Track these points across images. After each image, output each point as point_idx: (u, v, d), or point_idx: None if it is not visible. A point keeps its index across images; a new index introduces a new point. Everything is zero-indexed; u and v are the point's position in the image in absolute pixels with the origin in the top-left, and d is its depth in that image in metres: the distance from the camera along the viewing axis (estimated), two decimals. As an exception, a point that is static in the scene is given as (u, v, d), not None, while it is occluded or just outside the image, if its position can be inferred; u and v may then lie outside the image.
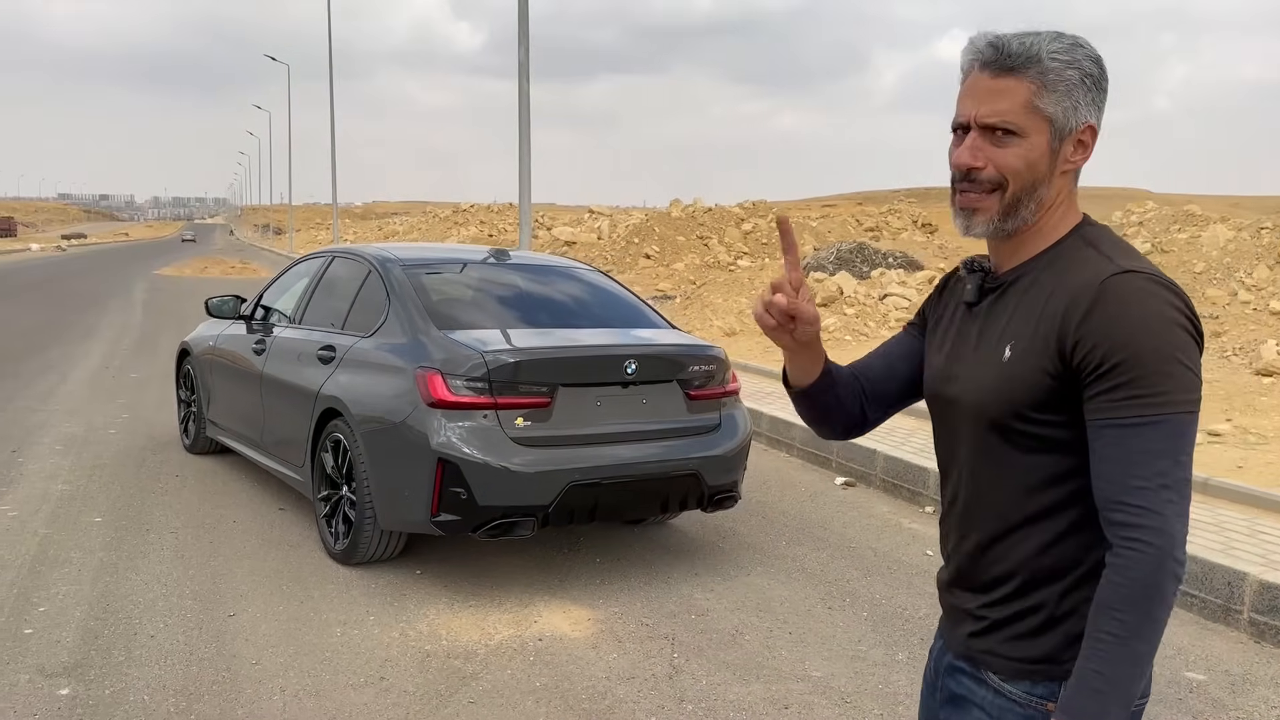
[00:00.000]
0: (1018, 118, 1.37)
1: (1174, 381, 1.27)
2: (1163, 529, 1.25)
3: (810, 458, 7.24)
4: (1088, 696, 1.27)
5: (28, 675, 3.50)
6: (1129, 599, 1.25)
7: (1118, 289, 1.30)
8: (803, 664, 3.80)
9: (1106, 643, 1.26)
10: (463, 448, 4.26)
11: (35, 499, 5.70)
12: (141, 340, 14.13)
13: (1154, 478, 1.26)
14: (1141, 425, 1.27)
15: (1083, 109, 1.38)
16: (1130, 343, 1.28)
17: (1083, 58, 1.38)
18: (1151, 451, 1.26)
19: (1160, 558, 1.25)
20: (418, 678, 3.59)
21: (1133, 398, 1.27)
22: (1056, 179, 1.40)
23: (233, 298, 6.54)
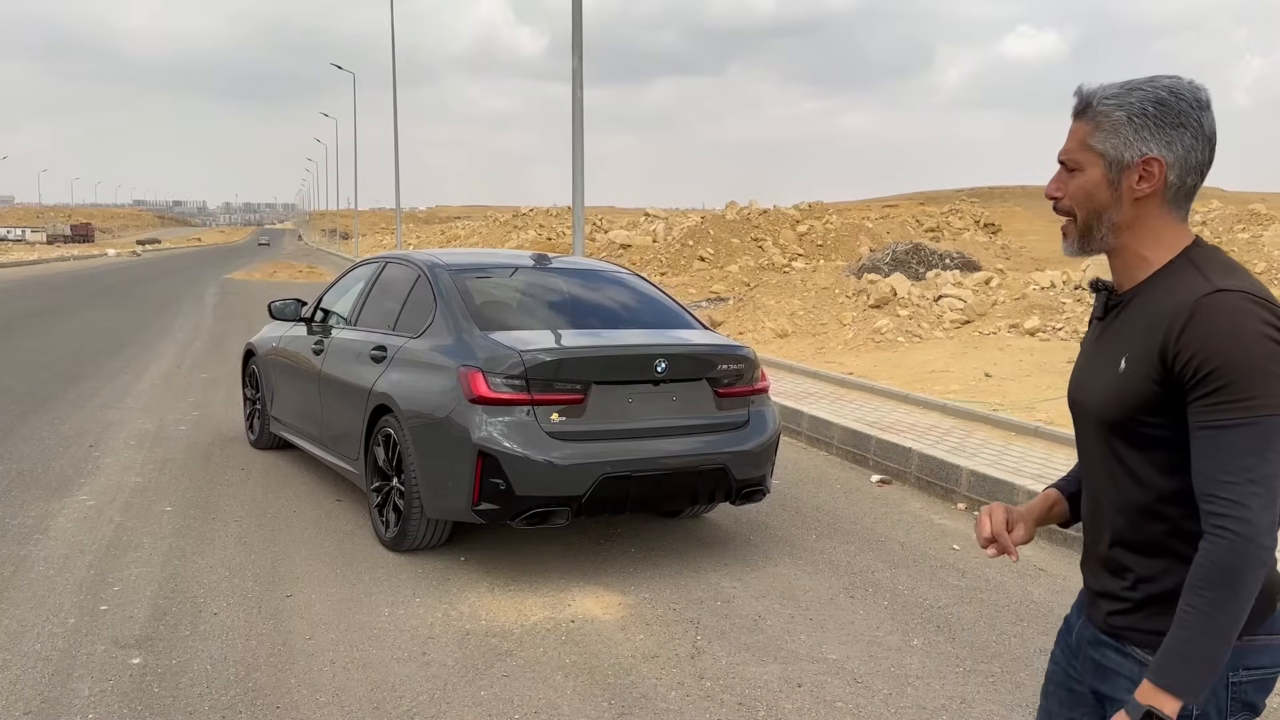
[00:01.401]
0: (1077, 154, 1.64)
1: (1262, 388, 1.45)
2: (1246, 519, 1.45)
3: (848, 456, 7.40)
4: (1175, 662, 1.48)
5: (104, 646, 3.84)
6: (1212, 579, 1.46)
7: (1211, 306, 1.49)
8: (819, 647, 3.99)
9: (1192, 617, 1.47)
10: (502, 441, 4.53)
11: (111, 490, 6.11)
12: (212, 341, 14.72)
13: (1241, 473, 1.45)
14: (1232, 427, 1.46)
15: (1136, 144, 1.58)
16: (1221, 353, 1.46)
17: (1137, 99, 1.58)
18: (1240, 450, 1.46)
19: (1243, 544, 1.45)
20: (457, 653, 3.86)
21: (1224, 403, 1.47)
22: (1127, 206, 1.60)
23: (294, 301, 6.91)
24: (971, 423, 7.70)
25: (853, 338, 13.83)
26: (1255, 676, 1.58)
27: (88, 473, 6.51)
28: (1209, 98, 1.60)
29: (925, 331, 13.49)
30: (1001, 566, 5.02)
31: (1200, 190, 1.67)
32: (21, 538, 5.12)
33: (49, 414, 8.52)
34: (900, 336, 13.36)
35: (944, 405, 8.24)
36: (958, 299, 14.42)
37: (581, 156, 13.73)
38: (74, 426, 8.00)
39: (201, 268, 44.40)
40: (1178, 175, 1.59)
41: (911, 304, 14.53)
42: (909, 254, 20.03)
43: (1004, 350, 11.31)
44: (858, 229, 30.82)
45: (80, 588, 4.45)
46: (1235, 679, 1.58)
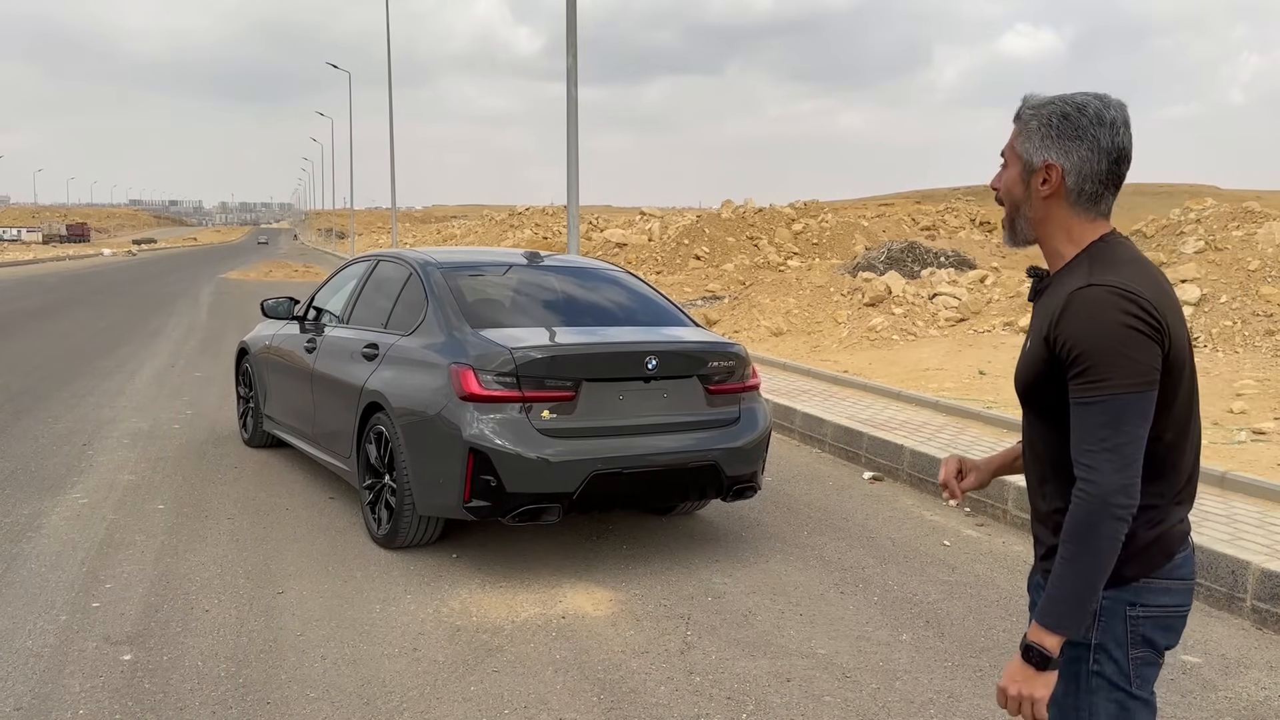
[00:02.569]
0: (1007, 153, 1.92)
1: (1116, 370, 1.68)
2: (1098, 480, 1.69)
3: (840, 453, 7.42)
4: (1050, 603, 1.74)
5: (95, 643, 3.85)
6: (1072, 533, 1.72)
7: (1081, 298, 1.73)
8: (809, 642, 4.01)
9: (1060, 565, 1.74)
10: (493, 439, 4.54)
11: (104, 488, 6.12)
12: (206, 341, 14.72)
13: (1097, 443, 1.70)
14: (1092, 404, 1.71)
15: (1041, 150, 1.84)
16: (1084, 340, 1.71)
17: (1048, 112, 1.84)
18: (1097, 423, 1.70)
19: (1096, 503, 1.69)
20: (447, 649, 3.88)
21: (1087, 383, 1.71)
22: (1037, 203, 1.86)
23: (287, 299, 6.91)
24: (964, 420, 7.72)
25: (847, 336, 13.85)
26: (1152, 614, 1.82)
27: (81, 471, 6.52)
28: (1116, 116, 1.82)
29: (920, 329, 13.52)
30: (992, 562, 5.04)
31: (1195, 188, 1.74)
32: (14, 535, 5.12)
33: (43, 412, 8.52)
34: (895, 334, 13.39)
35: (936, 402, 8.27)
36: (952, 297, 14.45)
37: (576, 155, 13.75)
38: (68, 425, 8.00)
39: (197, 267, 44.34)
40: (1075, 181, 1.83)
41: (906, 302, 14.56)
42: (904, 252, 20.04)
43: (998, 348, 11.34)
44: (853, 227, 30.83)
45: (72, 585, 4.46)
46: (1132, 614, 1.81)
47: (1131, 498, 1.69)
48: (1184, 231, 17.37)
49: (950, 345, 12.08)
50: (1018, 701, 1.78)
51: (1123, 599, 1.80)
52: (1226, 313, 11.43)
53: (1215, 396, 8.19)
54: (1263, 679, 3.75)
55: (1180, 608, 1.86)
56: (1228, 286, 11.86)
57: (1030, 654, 1.75)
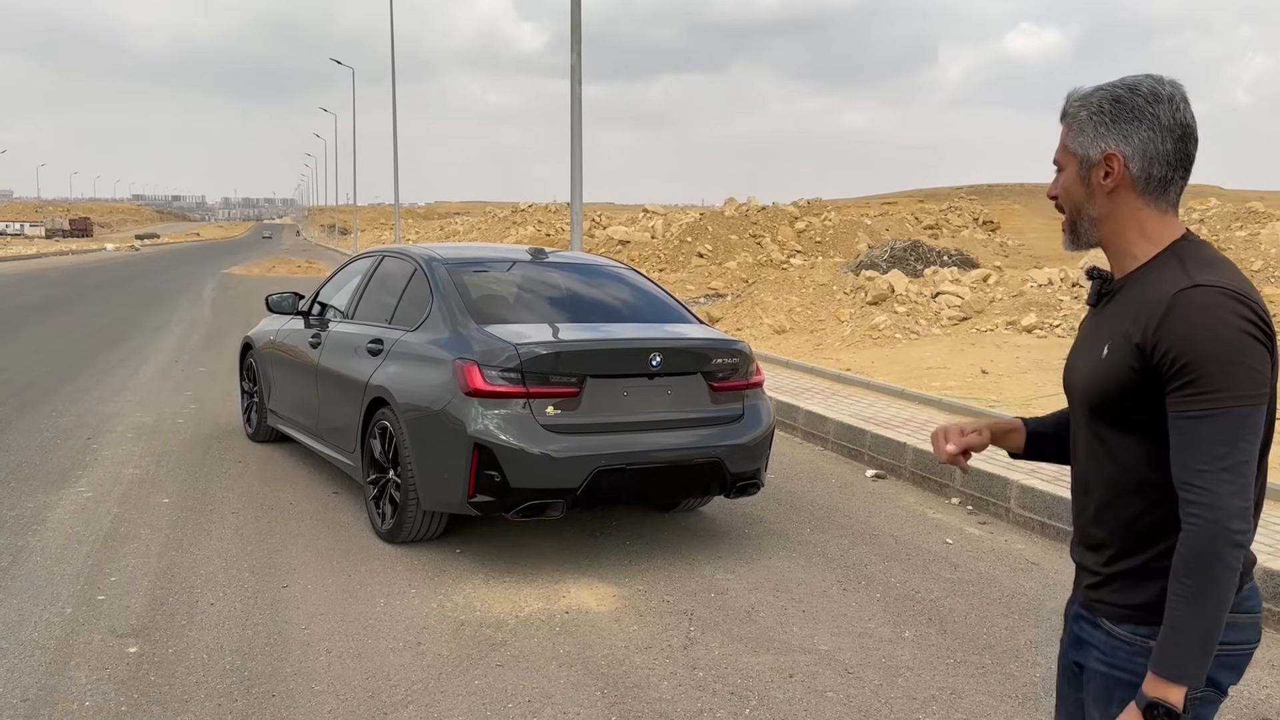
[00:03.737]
0: (1060, 156, 1.76)
1: (1232, 380, 1.52)
2: (1216, 504, 1.52)
3: (843, 451, 7.43)
4: (1169, 650, 1.54)
5: (100, 635, 3.87)
6: (1190, 567, 1.53)
7: (1187, 300, 1.56)
8: (811, 639, 4.02)
9: (1178, 604, 1.54)
10: (497, 434, 4.55)
11: (108, 482, 6.14)
12: (210, 336, 14.74)
13: (1213, 462, 1.52)
14: (1204, 417, 1.53)
15: (1097, 140, 1.68)
16: (1194, 347, 1.53)
17: (1096, 99, 1.69)
18: (1212, 439, 1.53)
19: (1214, 529, 1.51)
20: (451, 643, 3.89)
21: (1198, 394, 1.54)
22: (1101, 200, 1.69)
23: (292, 294, 6.93)
24: (968, 419, 7.72)
25: (850, 334, 13.86)
26: (1220, 652, 1.61)
27: (85, 465, 6.54)
28: (1173, 92, 1.66)
29: (923, 328, 13.52)
30: (994, 560, 5.05)
31: (1198, 189, 1.70)
32: (19, 529, 5.14)
33: (47, 407, 8.54)
34: (898, 333, 13.39)
35: (940, 401, 8.27)
36: (955, 296, 14.45)
37: (580, 152, 13.75)
38: (72, 419, 8.02)
39: (200, 263, 44.39)
40: (1140, 166, 1.66)
41: (909, 301, 14.56)
42: (907, 251, 20.05)
43: (1001, 347, 11.35)
44: (856, 226, 30.86)
45: (77, 578, 4.47)
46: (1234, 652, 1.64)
47: (1248, 522, 1.53)
48: (1187, 232, 17.37)
49: (953, 344, 12.08)
50: None
51: None
52: (1230, 313, 11.42)
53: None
54: (1263, 677, 3.76)
55: (1248, 644, 1.67)
56: (1231, 286, 11.85)
57: (1155, 712, 1.54)
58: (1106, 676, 1.71)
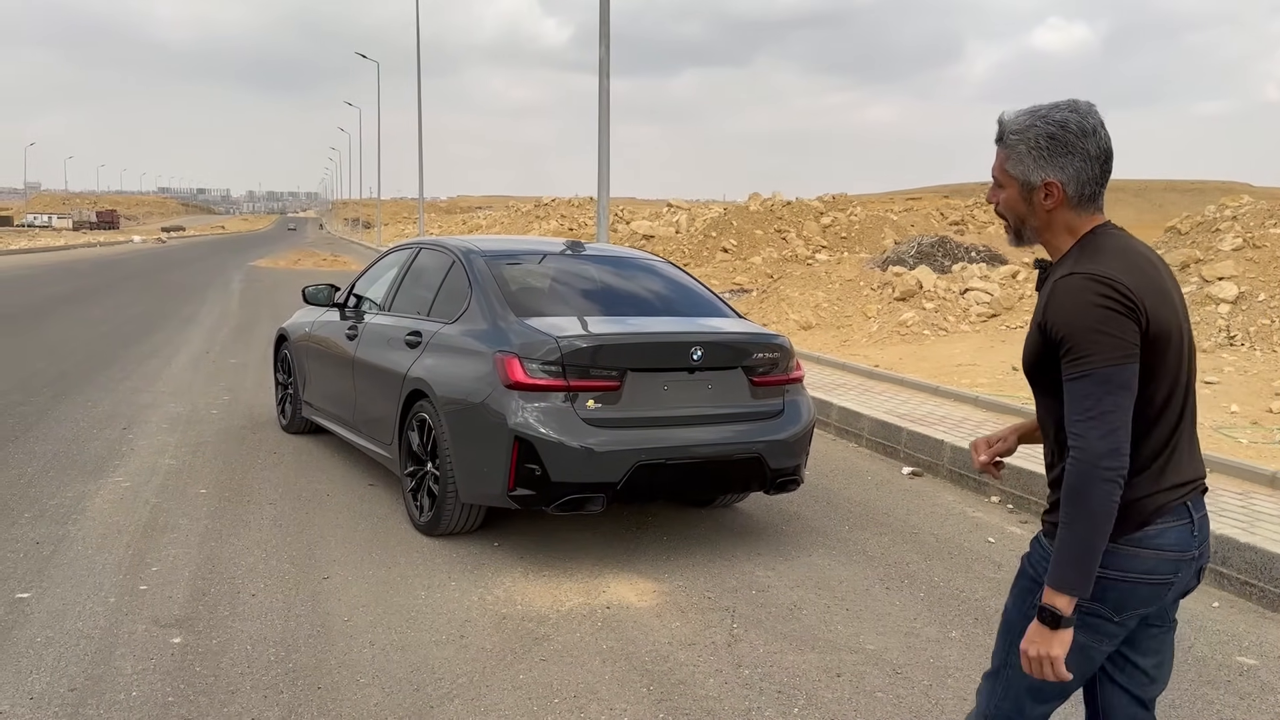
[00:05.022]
0: (998, 174, 2.11)
1: (1095, 346, 1.87)
2: (1086, 446, 1.86)
3: (878, 448, 7.36)
4: (1055, 565, 1.90)
5: (144, 625, 3.87)
6: (1068, 498, 1.89)
7: (1062, 286, 1.93)
8: (857, 637, 3.97)
9: (1062, 529, 1.90)
10: (538, 427, 4.53)
11: (145, 472, 6.16)
12: (239, 328, 14.81)
13: (1084, 414, 1.87)
14: (1077, 379, 1.89)
15: (1037, 170, 2.02)
16: (1067, 323, 1.90)
17: (1033, 135, 2.01)
18: (1082, 395, 1.88)
19: (1086, 468, 1.86)
20: (494, 637, 3.87)
21: (1072, 361, 1.90)
22: (1041, 215, 2.05)
23: (327, 286, 6.93)
24: (1005, 416, 7.65)
25: (877, 330, 13.76)
26: (1108, 575, 1.96)
27: (122, 455, 6.57)
28: (1096, 124, 2.00)
29: (951, 325, 13.41)
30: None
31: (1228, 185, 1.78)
32: (60, 518, 5.16)
33: (82, 397, 8.59)
34: (926, 330, 13.29)
35: (975, 398, 8.19)
36: (984, 292, 14.32)
37: (607, 146, 13.71)
38: (106, 409, 8.07)
39: (226, 255, 44.66)
40: (1075, 190, 2.02)
41: (938, 297, 14.44)
42: (934, 247, 19.88)
43: (1033, 344, 11.21)
44: (882, 221, 30.66)
45: (119, 567, 4.48)
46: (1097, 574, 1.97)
47: (1119, 460, 1.85)
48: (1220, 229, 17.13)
49: (982, 341, 11.98)
50: (1039, 662, 1.93)
51: None
52: (1265, 310, 11.27)
53: (1254, 396, 8.07)
54: None
55: (1150, 575, 1.98)
56: (1266, 284, 11.69)
57: (1044, 615, 1.90)
58: (1021, 571, 2.13)
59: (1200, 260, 14.25)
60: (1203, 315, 11.90)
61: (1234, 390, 8.37)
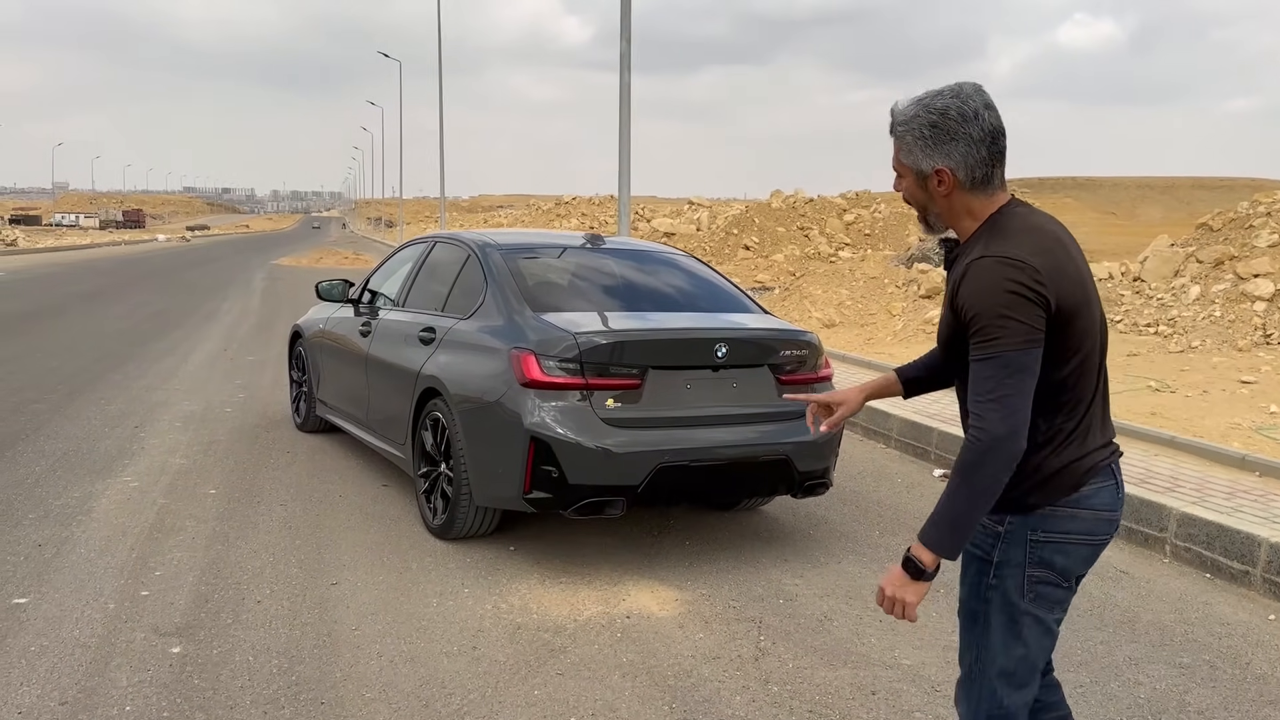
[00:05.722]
0: (896, 165, 2.13)
1: (1001, 331, 1.89)
2: (984, 427, 1.90)
3: (908, 449, 7.13)
4: (930, 524, 1.99)
5: (143, 634, 3.70)
6: (959, 469, 1.93)
7: (974, 269, 1.95)
8: (892, 652, 3.75)
9: (946, 493, 1.96)
10: (555, 427, 4.33)
11: (155, 471, 6.01)
12: (259, 325, 14.71)
13: (986, 394, 1.90)
14: (981, 360, 1.92)
15: (925, 159, 2.05)
16: (976, 305, 1.92)
17: (917, 125, 2.03)
18: (985, 377, 1.91)
19: (983, 447, 1.89)
20: (508, 648, 3.68)
21: (979, 342, 1.93)
22: (939, 200, 2.07)
23: (341, 282, 6.76)
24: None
25: (902, 328, 13.50)
26: (1053, 539, 2.03)
27: (132, 454, 6.42)
28: (978, 106, 2.01)
29: (978, 321, 13.12)
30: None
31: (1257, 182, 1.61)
32: (65, 519, 5.02)
33: (95, 394, 8.47)
34: (953, 327, 13.01)
35: (1007, 398, 7.92)
36: (1011, 288, 14.01)
37: (628, 140, 13.52)
38: (120, 407, 7.94)
39: (249, 253, 44.79)
40: (965, 174, 2.03)
41: (965, 294, 14.15)
42: (960, 244, 19.57)
43: (1065, 342, 10.92)
44: (906, 218, 30.30)
45: (121, 572, 4.32)
46: (1033, 538, 2.04)
47: (1016, 443, 1.89)
48: (1254, 225, 16.76)
49: (1013, 339, 11.68)
50: (891, 602, 2.02)
51: (1026, 524, 2.04)
52: (1307, 308, 10.93)
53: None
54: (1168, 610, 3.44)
55: (1087, 535, 2.05)
56: (1305, 281, 11.34)
57: (908, 565, 1.99)
58: (967, 553, 2.14)
59: (1235, 257, 13.90)
60: (1238, 314, 11.57)
61: (1272, 390, 8.08)
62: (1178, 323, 11.71)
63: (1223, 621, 4.15)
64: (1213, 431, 6.72)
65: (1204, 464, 5.93)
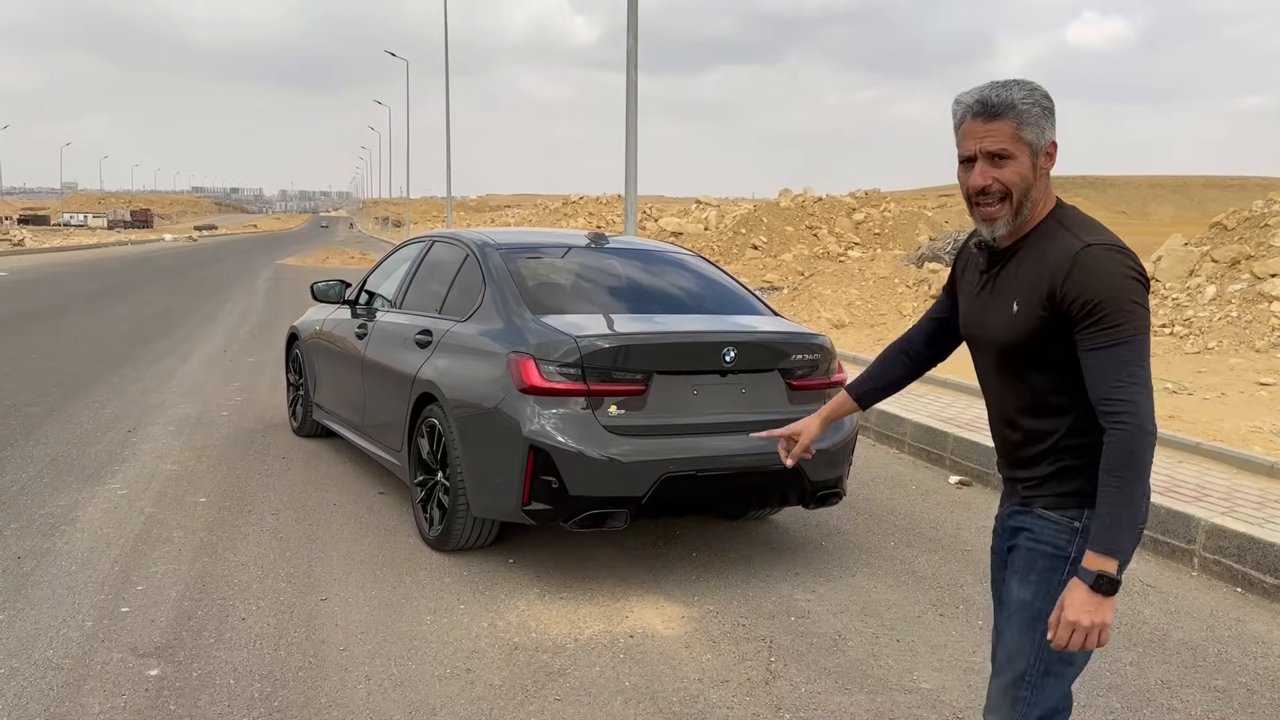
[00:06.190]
0: (1009, 145, 2.01)
1: (1132, 315, 1.89)
2: (1137, 411, 1.87)
3: (922, 454, 6.91)
4: (1108, 531, 1.88)
5: (120, 654, 3.51)
6: (1122, 462, 1.87)
7: (1087, 257, 1.92)
8: (911, 674, 3.55)
9: (1114, 494, 1.88)
10: (555, 435, 4.13)
11: (144, 478, 5.82)
12: (260, 326, 14.55)
13: (1126, 379, 1.88)
14: (1116, 346, 1.89)
15: (1046, 132, 2.02)
16: (1098, 292, 1.90)
17: (1039, 96, 2.00)
18: (1125, 362, 1.88)
19: (1137, 432, 1.86)
20: (504, 671, 3.48)
21: (1109, 328, 1.89)
22: (1040, 182, 2.03)
23: (338, 282, 6.57)
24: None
25: (915, 329, 13.28)
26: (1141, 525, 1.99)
27: (123, 459, 6.24)
28: None
29: (992, 322, 12.91)
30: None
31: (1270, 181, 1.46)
32: (47, 529, 4.83)
33: (91, 397, 8.30)
34: (965, 328, 12.80)
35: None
36: (1025, 288, 13.79)
37: (635, 139, 13.34)
38: (114, 410, 7.76)
39: (255, 253, 44.67)
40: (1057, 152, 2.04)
41: (977, 293, 13.93)
42: (971, 243, 19.33)
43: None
44: (917, 217, 30.07)
45: (102, 586, 4.13)
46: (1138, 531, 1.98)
47: (1155, 424, 1.89)
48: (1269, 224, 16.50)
49: (1027, 340, 11.47)
50: (1088, 631, 1.88)
51: None
52: (1326, 309, 10.69)
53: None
54: None
55: (1144, 526, 2.01)
56: (1325, 281, 11.09)
57: (1101, 583, 1.87)
58: (1031, 550, 2.07)
59: (1251, 257, 13.66)
60: (1254, 314, 11.33)
61: (1295, 393, 7.85)
62: (1194, 323, 11.49)
63: (1258, 640, 3.94)
64: (1232, 435, 6.50)
65: (1231, 471, 5.71)
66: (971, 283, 2.19)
